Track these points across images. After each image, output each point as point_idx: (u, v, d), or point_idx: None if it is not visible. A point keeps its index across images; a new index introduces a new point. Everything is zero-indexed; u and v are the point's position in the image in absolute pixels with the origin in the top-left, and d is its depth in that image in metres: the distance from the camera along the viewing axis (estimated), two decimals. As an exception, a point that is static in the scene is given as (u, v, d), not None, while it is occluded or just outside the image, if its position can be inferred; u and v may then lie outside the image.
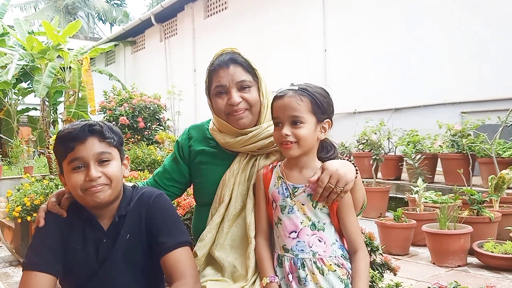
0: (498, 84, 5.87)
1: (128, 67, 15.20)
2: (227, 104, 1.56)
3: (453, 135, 5.16)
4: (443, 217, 3.57)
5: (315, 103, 1.42)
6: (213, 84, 1.60)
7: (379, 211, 4.98)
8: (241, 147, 1.60)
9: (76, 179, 1.35)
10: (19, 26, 10.87)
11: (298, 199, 1.44)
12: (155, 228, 1.43)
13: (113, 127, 1.44)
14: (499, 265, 3.32)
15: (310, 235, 1.42)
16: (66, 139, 1.36)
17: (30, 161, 7.83)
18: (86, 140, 1.36)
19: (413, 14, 6.89)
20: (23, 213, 3.88)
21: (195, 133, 1.75)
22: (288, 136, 1.39)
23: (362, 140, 5.87)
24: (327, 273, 1.38)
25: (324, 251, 1.41)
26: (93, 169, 1.35)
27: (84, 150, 1.35)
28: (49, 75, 9.42)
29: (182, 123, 9.85)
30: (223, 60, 1.59)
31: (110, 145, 1.40)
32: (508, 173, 3.99)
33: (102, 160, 1.38)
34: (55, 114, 11.62)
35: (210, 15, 11.57)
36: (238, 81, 1.56)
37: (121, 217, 1.44)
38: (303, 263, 1.40)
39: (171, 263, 1.38)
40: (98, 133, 1.38)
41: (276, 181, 1.49)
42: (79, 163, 1.36)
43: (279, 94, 1.45)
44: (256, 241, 1.51)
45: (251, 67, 1.59)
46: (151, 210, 1.45)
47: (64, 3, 23.69)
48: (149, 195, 1.48)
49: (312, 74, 8.25)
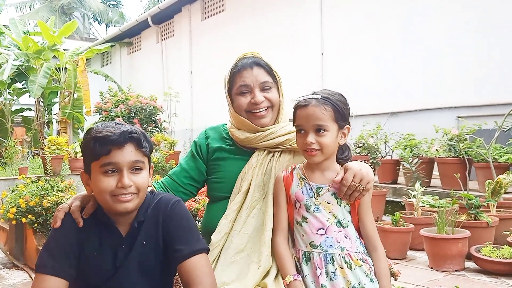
0: (494, 89, 5.89)
1: (124, 68, 15.16)
2: (250, 103, 1.68)
3: (449, 140, 5.17)
4: (441, 222, 3.56)
5: (337, 111, 1.49)
6: (236, 83, 1.70)
7: (376, 214, 4.98)
8: (259, 142, 1.69)
9: (107, 184, 1.33)
10: (15, 26, 10.80)
11: (323, 199, 1.51)
12: (172, 235, 1.42)
13: (146, 135, 1.43)
14: (496, 270, 3.32)
15: (337, 231, 1.49)
16: (103, 141, 1.33)
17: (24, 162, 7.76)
18: (124, 146, 1.34)
19: (411, 18, 6.91)
20: (18, 215, 3.84)
21: (212, 133, 1.84)
22: (312, 144, 1.47)
23: (359, 144, 5.87)
24: (354, 268, 1.46)
25: (350, 246, 1.49)
26: (126, 176, 1.34)
27: (120, 156, 1.34)
28: (44, 76, 9.37)
29: (178, 125, 9.82)
30: (246, 62, 1.70)
31: (144, 155, 1.40)
32: (505, 178, 4.00)
33: (135, 168, 1.37)
34: (49, 115, 11.56)
35: (207, 17, 11.57)
36: (262, 81, 1.69)
37: (139, 223, 1.43)
38: (332, 258, 1.47)
39: (188, 270, 1.37)
40: (136, 141, 1.37)
41: (299, 182, 1.56)
42: (112, 167, 1.34)
43: (303, 103, 1.50)
44: (276, 240, 1.55)
45: (272, 70, 1.72)
46: (168, 216, 1.44)
47: (59, 4, 23.61)
48: (166, 202, 1.47)
49: (309, 77, 8.26)
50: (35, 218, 3.82)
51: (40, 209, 3.79)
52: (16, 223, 3.95)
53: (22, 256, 4.22)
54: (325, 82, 8.11)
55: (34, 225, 3.83)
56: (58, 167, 5.43)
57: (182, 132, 10.66)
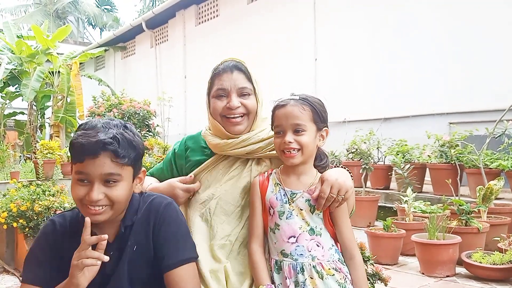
0: (485, 96, 5.95)
1: (118, 72, 15.13)
2: (226, 107, 1.61)
3: (441, 146, 5.21)
4: (432, 227, 3.58)
5: (315, 112, 1.48)
6: (214, 86, 1.65)
7: (368, 220, 5.00)
8: (230, 150, 1.63)
9: (78, 192, 1.29)
10: (8, 30, 10.74)
11: (296, 204, 1.47)
12: (162, 241, 1.38)
13: (133, 140, 1.32)
14: (487, 276, 3.34)
15: (309, 240, 1.45)
16: (78, 149, 1.27)
17: (16, 166, 7.70)
18: (97, 157, 1.26)
19: (403, 25, 6.98)
20: (9, 219, 3.81)
21: (191, 143, 1.79)
22: (291, 143, 1.44)
23: (352, 149, 5.89)
24: (326, 278, 1.41)
25: (322, 255, 1.44)
26: (96, 190, 1.27)
27: (92, 167, 1.26)
28: (37, 79, 9.31)
29: (171, 129, 9.80)
30: (227, 65, 1.64)
31: (123, 165, 1.30)
32: (496, 183, 4.03)
33: (109, 180, 1.29)
34: (42, 119, 11.47)
35: (201, 22, 11.59)
36: (240, 87, 1.62)
37: (127, 227, 1.38)
38: (302, 267, 1.42)
39: (175, 280, 1.34)
40: (112, 152, 1.27)
41: (274, 187, 1.52)
42: (84, 177, 1.28)
43: (281, 103, 1.50)
44: (251, 247, 1.51)
45: (251, 79, 1.65)
46: (160, 220, 1.40)
47: (54, 8, 23.56)
48: (158, 204, 1.42)
49: (302, 83, 8.29)
50: (26, 223, 3.79)
51: (32, 213, 3.76)
52: (7, 227, 3.92)
53: (13, 261, 4.18)
54: (318, 87, 8.15)
55: (25, 229, 3.80)
56: (50, 172, 5.38)
57: (176, 137, 10.55)
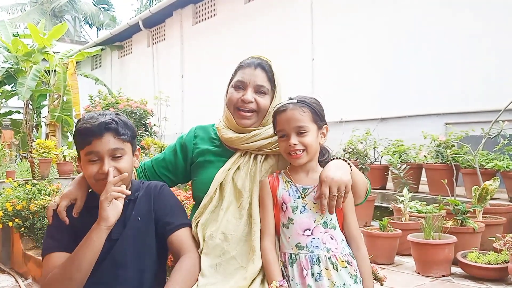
0: (481, 96, 5.97)
1: (114, 71, 15.09)
2: (240, 99, 1.69)
3: (437, 146, 5.22)
4: (428, 227, 3.59)
5: (314, 112, 1.56)
6: (235, 77, 1.73)
7: (364, 220, 5.00)
8: (241, 144, 1.69)
9: (91, 170, 1.52)
10: (4, 28, 10.71)
11: (309, 199, 1.54)
12: (163, 211, 1.63)
13: (127, 122, 1.60)
14: (482, 276, 3.35)
15: (323, 232, 1.51)
16: (85, 133, 1.51)
17: (12, 165, 7.67)
18: (102, 136, 1.51)
19: (400, 25, 6.99)
20: (5, 219, 3.81)
21: (201, 133, 1.85)
22: (296, 145, 1.52)
23: (349, 149, 5.89)
24: (340, 269, 1.48)
25: (336, 248, 1.51)
26: (107, 163, 1.50)
27: (100, 145, 1.51)
28: (33, 78, 9.28)
29: (168, 129, 9.79)
30: (252, 62, 1.72)
31: (124, 141, 1.56)
32: (491, 184, 4.04)
33: (116, 156, 1.53)
34: (38, 118, 11.43)
35: (199, 21, 11.58)
36: (258, 84, 1.69)
37: (130, 201, 1.60)
38: (318, 259, 1.48)
39: (179, 239, 1.58)
40: (113, 130, 1.52)
41: (285, 185, 1.59)
42: (94, 156, 1.51)
43: (281, 108, 1.57)
44: (264, 245, 1.55)
45: (273, 78, 1.71)
46: (158, 196, 1.66)
47: (51, 7, 23.46)
48: (155, 185, 1.70)
49: (299, 83, 8.29)
50: (22, 222, 3.78)
51: (27, 213, 3.75)
52: (2, 227, 3.91)
53: (9, 260, 4.17)
54: (315, 87, 8.15)
55: (21, 229, 3.79)
56: (46, 171, 5.37)
57: (172, 136, 10.56)
